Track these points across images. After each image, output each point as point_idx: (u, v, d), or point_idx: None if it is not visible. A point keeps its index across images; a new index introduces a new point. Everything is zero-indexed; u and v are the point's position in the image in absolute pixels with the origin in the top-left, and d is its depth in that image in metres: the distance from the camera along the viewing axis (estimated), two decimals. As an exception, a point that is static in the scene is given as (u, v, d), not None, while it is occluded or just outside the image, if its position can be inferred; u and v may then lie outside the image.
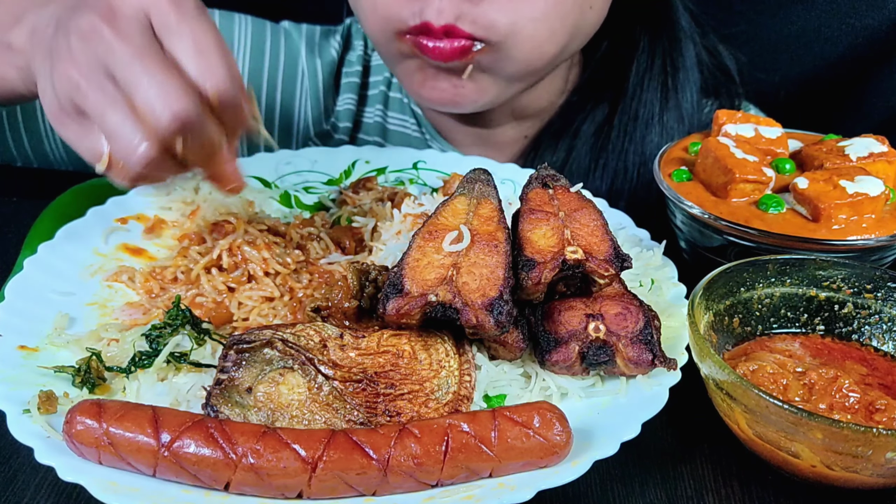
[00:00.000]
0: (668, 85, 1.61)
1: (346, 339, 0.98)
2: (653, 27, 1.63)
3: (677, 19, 1.62)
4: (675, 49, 1.61)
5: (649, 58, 1.61)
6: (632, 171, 1.61)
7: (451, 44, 1.30)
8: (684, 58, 1.61)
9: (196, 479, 0.84)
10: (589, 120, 1.64)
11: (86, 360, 1.00)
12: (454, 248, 1.00)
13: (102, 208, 1.34)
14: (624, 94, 1.62)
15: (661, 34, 1.62)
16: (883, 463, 0.84)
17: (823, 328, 1.10)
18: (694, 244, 1.26)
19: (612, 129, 1.62)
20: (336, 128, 1.79)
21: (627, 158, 1.61)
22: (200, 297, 1.15)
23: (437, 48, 1.31)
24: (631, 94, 1.61)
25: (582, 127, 1.64)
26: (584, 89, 1.68)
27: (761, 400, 0.86)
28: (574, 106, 1.67)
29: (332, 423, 0.92)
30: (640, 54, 1.62)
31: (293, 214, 1.41)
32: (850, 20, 1.89)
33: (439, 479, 0.86)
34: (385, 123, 1.79)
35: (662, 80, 1.61)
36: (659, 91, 1.61)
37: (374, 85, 1.79)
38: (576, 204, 1.09)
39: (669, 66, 1.61)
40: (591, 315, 1.00)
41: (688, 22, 1.63)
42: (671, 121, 1.61)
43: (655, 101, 1.61)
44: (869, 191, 1.12)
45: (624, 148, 1.61)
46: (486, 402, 0.99)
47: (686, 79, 1.61)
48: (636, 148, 1.61)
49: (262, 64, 1.70)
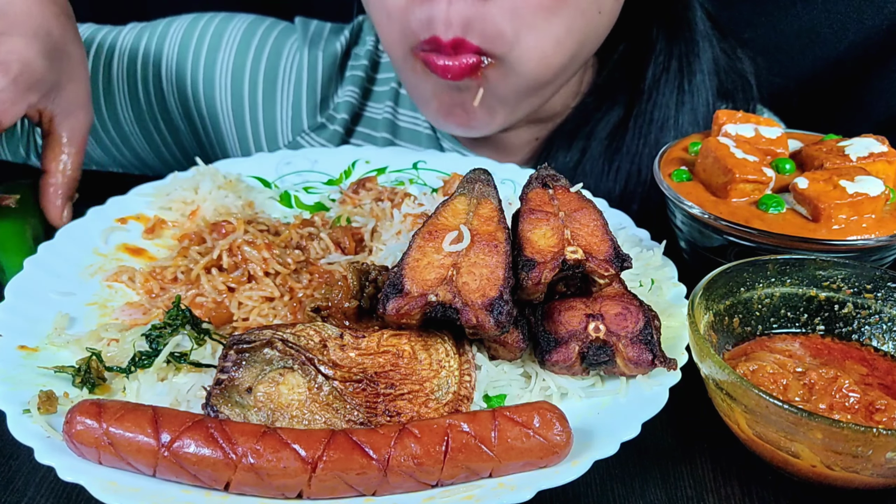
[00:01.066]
0: (683, 87, 1.60)
1: (346, 339, 0.98)
2: (670, 29, 1.62)
3: (695, 22, 1.61)
4: (691, 51, 1.60)
5: (666, 60, 1.61)
6: (645, 173, 1.61)
7: (459, 61, 1.32)
8: (700, 60, 1.61)
9: (196, 479, 0.84)
10: (604, 122, 1.64)
11: (86, 360, 1.00)
12: (454, 248, 1.00)
13: (102, 208, 1.34)
14: (639, 95, 1.61)
15: (677, 36, 1.61)
16: (883, 463, 0.84)
17: (823, 328, 1.10)
18: (694, 244, 1.26)
19: (627, 132, 1.62)
20: (332, 119, 1.77)
21: (641, 161, 1.61)
22: (200, 297, 1.15)
23: (447, 66, 1.32)
24: (647, 96, 1.61)
25: (596, 129, 1.64)
26: (599, 91, 1.68)
27: (761, 400, 0.86)
28: (589, 107, 1.67)
29: (332, 423, 0.92)
30: (657, 56, 1.61)
31: (293, 214, 1.41)
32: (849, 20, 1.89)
33: (439, 479, 0.86)
34: (395, 120, 1.78)
35: (678, 83, 1.60)
36: (675, 93, 1.60)
37: (384, 82, 1.78)
38: (576, 204, 1.09)
39: (686, 68, 1.60)
40: (591, 315, 1.00)
41: (705, 25, 1.63)
42: (686, 123, 1.60)
43: (671, 103, 1.60)
44: (869, 191, 1.12)
45: (638, 150, 1.61)
46: (486, 402, 0.99)
47: (702, 81, 1.61)
48: (650, 150, 1.60)
49: (245, 60, 1.72)
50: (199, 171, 1.42)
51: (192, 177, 1.41)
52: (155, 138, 1.76)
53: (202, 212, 1.34)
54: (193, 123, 1.75)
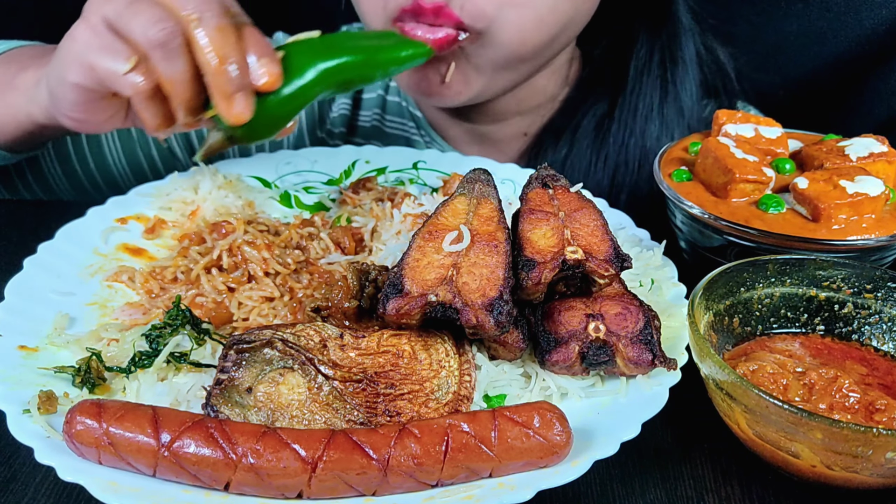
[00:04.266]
0: (667, 79, 1.62)
1: (346, 339, 0.98)
2: (652, 22, 1.64)
3: (677, 15, 1.63)
4: (673, 43, 1.62)
5: (648, 52, 1.63)
6: (632, 164, 1.63)
7: (436, 34, 1.31)
8: (683, 52, 1.63)
9: (196, 479, 0.84)
10: (590, 115, 1.65)
11: (86, 360, 1.00)
12: (454, 248, 1.00)
13: (102, 208, 1.34)
14: (623, 88, 1.63)
15: (660, 29, 1.63)
16: (883, 463, 0.84)
17: (823, 328, 1.10)
18: (694, 244, 1.26)
19: (613, 123, 1.63)
20: (332, 134, 1.80)
21: (628, 152, 1.63)
22: (200, 297, 1.15)
23: (425, 39, 1.32)
24: (630, 87, 1.62)
25: (582, 122, 1.65)
26: (584, 84, 1.69)
27: (761, 400, 0.86)
28: (575, 101, 1.68)
29: (332, 423, 0.92)
30: (640, 49, 1.63)
31: (293, 214, 1.41)
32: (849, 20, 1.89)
33: (439, 479, 0.86)
34: (383, 127, 1.79)
35: (661, 74, 1.62)
36: (658, 85, 1.62)
37: (371, 89, 1.80)
38: (576, 204, 1.09)
39: (668, 59, 1.62)
40: (591, 315, 1.00)
41: (688, 18, 1.64)
42: (671, 114, 1.62)
43: (655, 94, 1.62)
44: (869, 191, 1.12)
45: (624, 142, 1.62)
46: (486, 402, 0.99)
47: (685, 73, 1.63)
48: (636, 141, 1.62)
49: None
50: (199, 171, 1.42)
51: (191, 177, 1.41)
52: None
53: (202, 212, 1.34)
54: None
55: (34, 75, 1.28)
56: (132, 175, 1.70)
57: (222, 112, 1.06)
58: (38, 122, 1.30)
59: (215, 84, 1.04)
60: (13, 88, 1.32)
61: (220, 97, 1.05)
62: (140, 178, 1.69)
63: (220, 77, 1.04)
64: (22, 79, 1.31)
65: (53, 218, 1.32)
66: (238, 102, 1.06)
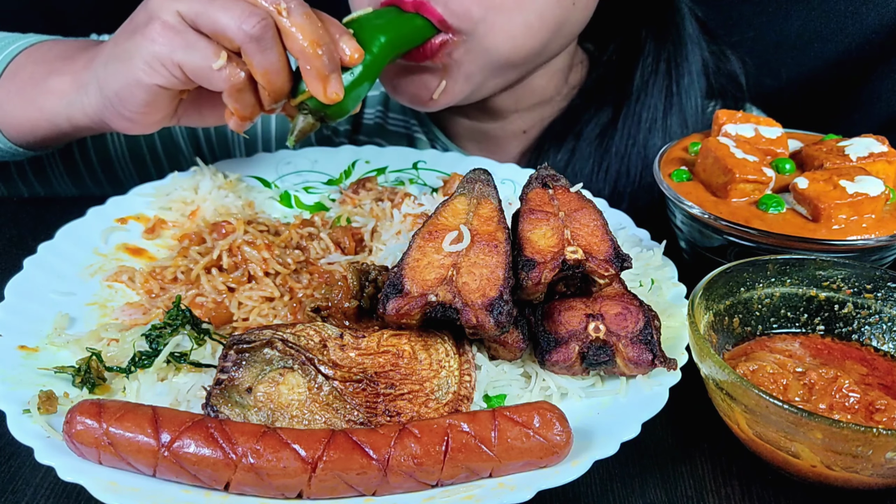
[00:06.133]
0: (671, 89, 1.62)
1: (346, 339, 0.98)
2: (658, 31, 1.63)
3: (683, 24, 1.63)
4: (679, 54, 1.62)
5: (654, 62, 1.62)
6: (634, 173, 1.62)
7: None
8: (689, 62, 1.62)
9: (196, 479, 0.84)
10: (593, 122, 1.65)
11: (86, 360, 1.00)
12: (454, 248, 1.00)
13: (102, 208, 1.34)
14: (628, 96, 1.63)
15: (666, 38, 1.63)
16: (883, 463, 0.84)
17: (823, 328, 1.10)
18: (694, 244, 1.26)
19: (616, 132, 1.63)
20: (336, 132, 1.80)
21: (630, 161, 1.62)
22: (200, 297, 1.15)
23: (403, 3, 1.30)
24: (635, 97, 1.62)
25: (585, 129, 1.65)
26: (588, 92, 1.69)
27: (761, 400, 0.86)
28: (578, 108, 1.68)
29: (332, 423, 0.92)
30: (645, 58, 1.63)
31: (293, 214, 1.41)
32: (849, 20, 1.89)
33: (439, 479, 0.86)
34: (385, 124, 1.79)
35: (667, 84, 1.62)
36: (663, 95, 1.62)
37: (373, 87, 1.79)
38: (576, 204, 1.09)
39: (674, 70, 1.62)
40: (591, 315, 1.00)
41: (693, 27, 1.64)
42: (674, 125, 1.62)
43: (659, 104, 1.62)
44: (869, 191, 1.12)
45: (627, 151, 1.62)
46: (486, 402, 0.99)
47: (690, 83, 1.62)
48: (639, 151, 1.62)
49: None
50: (199, 171, 1.42)
51: (192, 177, 1.41)
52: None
53: (202, 212, 1.34)
54: (203, 154, 1.75)
55: (72, 80, 1.27)
56: (134, 169, 1.70)
57: (318, 94, 1.10)
58: (78, 125, 1.29)
59: (313, 67, 1.08)
60: (47, 92, 1.30)
61: (317, 80, 1.09)
62: (142, 172, 1.69)
63: (317, 61, 1.08)
64: (57, 83, 1.29)
65: (53, 218, 1.32)
66: (333, 83, 1.10)
